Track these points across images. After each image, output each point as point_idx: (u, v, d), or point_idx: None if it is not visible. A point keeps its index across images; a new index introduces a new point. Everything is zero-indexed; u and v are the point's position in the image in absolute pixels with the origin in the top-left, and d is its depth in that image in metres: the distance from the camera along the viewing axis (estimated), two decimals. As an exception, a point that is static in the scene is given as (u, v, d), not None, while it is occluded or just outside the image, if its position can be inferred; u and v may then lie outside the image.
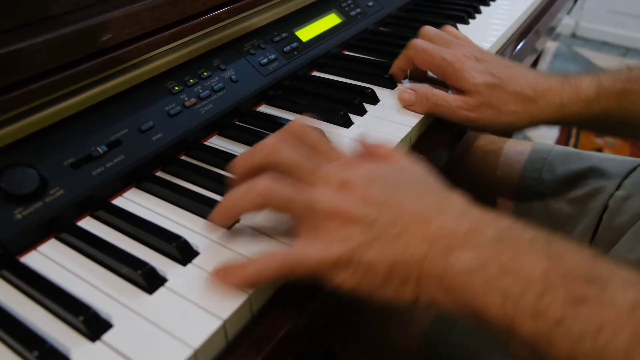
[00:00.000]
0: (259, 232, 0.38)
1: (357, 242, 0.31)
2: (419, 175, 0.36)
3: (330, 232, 0.32)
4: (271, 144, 0.35)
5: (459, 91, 0.52)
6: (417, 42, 0.54)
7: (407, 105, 0.54)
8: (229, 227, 0.38)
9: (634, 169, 0.63)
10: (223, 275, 0.33)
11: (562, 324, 0.26)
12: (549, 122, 0.52)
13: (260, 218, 0.39)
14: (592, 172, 0.64)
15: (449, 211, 0.32)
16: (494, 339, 0.30)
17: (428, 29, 0.57)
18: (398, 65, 0.58)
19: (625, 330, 0.25)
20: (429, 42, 0.55)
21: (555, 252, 0.29)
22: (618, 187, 0.61)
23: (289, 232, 0.37)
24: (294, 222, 0.35)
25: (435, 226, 0.31)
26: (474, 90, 0.51)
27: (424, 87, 0.54)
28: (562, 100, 0.50)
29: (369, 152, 0.39)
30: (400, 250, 0.31)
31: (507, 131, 0.54)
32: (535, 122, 0.52)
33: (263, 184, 0.33)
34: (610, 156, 0.67)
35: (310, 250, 0.32)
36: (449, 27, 0.59)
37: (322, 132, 0.38)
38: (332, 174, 0.34)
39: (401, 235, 0.31)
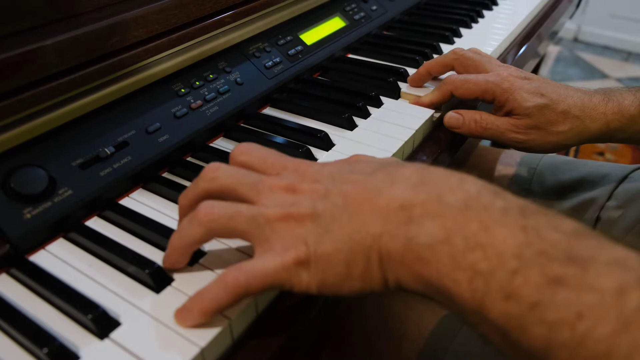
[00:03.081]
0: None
1: (311, 239, 0.30)
2: (375, 160, 0.34)
3: (282, 237, 0.30)
4: (211, 170, 0.33)
5: (506, 112, 0.52)
6: (454, 78, 0.53)
7: (453, 128, 0.54)
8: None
9: (625, 177, 0.63)
10: (188, 315, 0.31)
11: (536, 308, 0.23)
12: (594, 139, 0.52)
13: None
14: (582, 183, 0.65)
15: (403, 181, 0.30)
16: (463, 320, 0.28)
17: (461, 50, 0.56)
18: (433, 101, 0.55)
19: (608, 319, 0.22)
20: (464, 73, 0.54)
21: (531, 225, 0.26)
22: (609, 198, 0.62)
23: None
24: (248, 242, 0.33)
25: (387, 198, 0.29)
26: (524, 113, 0.51)
27: (471, 111, 0.53)
28: (607, 118, 0.51)
29: None
30: (354, 233, 0.29)
31: (554, 151, 0.54)
32: (582, 141, 0.52)
33: (202, 210, 0.31)
34: (600, 164, 0.67)
35: (263, 261, 0.30)
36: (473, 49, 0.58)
37: (266, 150, 0.35)
38: (276, 183, 0.32)
39: (352, 217, 0.29)
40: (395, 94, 0.59)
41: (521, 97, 0.50)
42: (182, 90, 0.49)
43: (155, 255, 0.37)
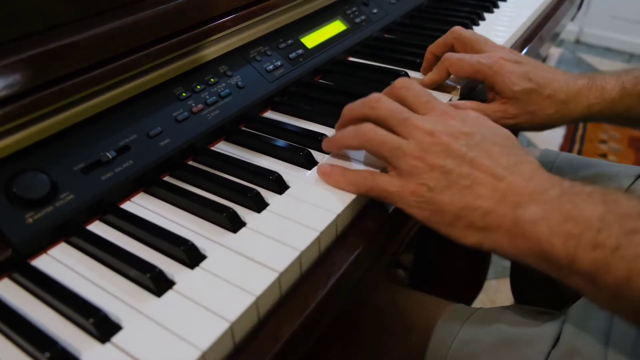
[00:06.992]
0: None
1: (432, 185, 0.38)
2: (502, 137, 0.41)
3: (410, 171, 0.39)
4: (374, 100, 0.43)
5: (495, 93, 0.55)
6: (450, 55, 0.56)
7: None
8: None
9: (638, 176, 0.63)
10: (329, 174, 0.44)
11: (618, 250, 0.31)
12: (577, 120, 0.56)
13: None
14: (600, 179, 0.65)
15: (520, 174, 0.37)
16: (554, 275, 0.35)
17: (459, 29, 0.59)
18: (433, 79, 0.59)
19: None
20: (461, 52, 0.57)
21: (611, 199, 0.33)
22: None
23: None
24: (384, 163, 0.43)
25: (505, 184, 0.37)
26: (513, 97, 0.53)
27: (462, 103, 0.56)
28: (590, 101, 0.54)
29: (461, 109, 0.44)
30: (470, 199, 0.37)
31: (539, 130, 0.57)
32: (565, 122, 0.55)
33: (364, 130, 0.42)
34: (612, 164, 0.68)
35: (390, 182, 0.40)
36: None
37: (422, 89, 0.44)
38: (421, 125, 0.40)
39: (473, 186, 0.37)
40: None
41: (510, 80, 0.53)
42: (184, 94, 0.49)
43: (156, 259, 0.37)
